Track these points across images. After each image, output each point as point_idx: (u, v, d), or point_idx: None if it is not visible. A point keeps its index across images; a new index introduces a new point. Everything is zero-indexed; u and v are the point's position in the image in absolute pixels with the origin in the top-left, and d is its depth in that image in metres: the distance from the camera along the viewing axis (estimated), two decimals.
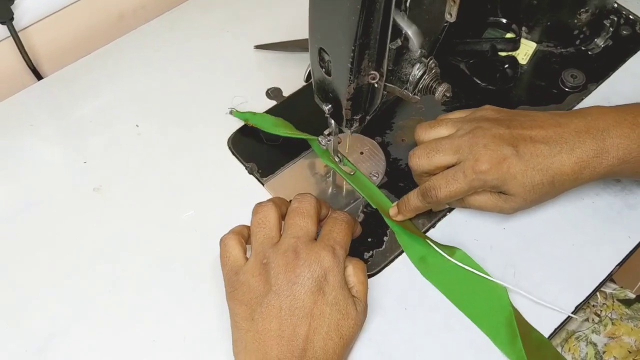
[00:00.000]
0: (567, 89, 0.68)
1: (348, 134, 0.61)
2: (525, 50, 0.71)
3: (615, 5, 0.73)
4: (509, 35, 0.71)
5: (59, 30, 0.76)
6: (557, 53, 0.71)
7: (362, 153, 0.64)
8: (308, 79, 0.62)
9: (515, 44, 0.70)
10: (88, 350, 0.54)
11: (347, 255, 0.51)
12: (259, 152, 0.65)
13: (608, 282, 0.67)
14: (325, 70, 0.52)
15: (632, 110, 0.54)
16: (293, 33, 0.73)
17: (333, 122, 0.57)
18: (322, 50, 0.50)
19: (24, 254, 0.59)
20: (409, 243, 0.58)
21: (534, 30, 0.71)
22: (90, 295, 0.57)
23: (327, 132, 0.59)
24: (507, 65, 0.69)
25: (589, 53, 0.71)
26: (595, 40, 0.71)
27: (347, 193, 0.63)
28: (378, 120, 0.66)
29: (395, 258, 0.58)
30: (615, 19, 0.71)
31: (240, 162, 0.65)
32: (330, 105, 0.54)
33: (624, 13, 0.73)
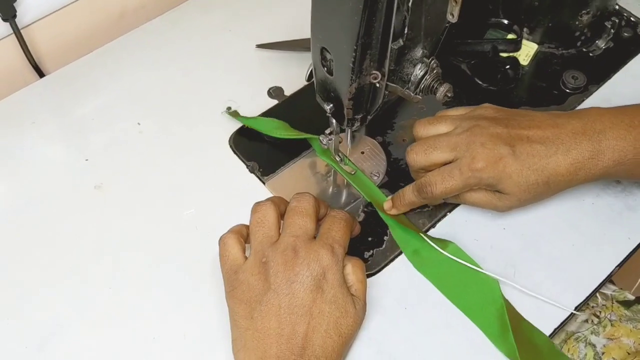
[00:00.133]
0: (568, 90, 0.68)
1: (349, 133, 0.61)
2: (527, 51, 0.71)
3: (617, 7, 0.73)
4: (511, 36, 0.71)
5: (61, 28, 0.76)
6: (558, 54, 0.71)
7: (363, 152, 0.64)
8: (310, 78, 0.62)
9: (517, 45, 0.70)
10: (88, 347, 0.54)
11: (346, 254, 0.51)
12: (260, 151, 0.65)
13: (607, 283, 0.67)
14: (327, 70, 0.52)
15: (629, 112, 0.54)
16: (295, 32, 0.73)
17: (334, 121, 0.57)
18: (324, 50, 0.51)
19: (25, 251, 0.60)
20: (403, 236, 0.59)
21: (536, 32, 0.71)
22: (91, 293, 0.57)
23: (328, 131, 0.59)
24: (508, 66, 0.69)
25: (590, 54, 0.71)
26: (597, 42, 0.71)
27: (347, 193, 0.63)
28: (379, 120, 0.66)
29: (396, 258, 0.58)
30: (617, 21, 0.71)
31: (241, 160, 0.65)
32: (332, 105, 0.54)
33: (625, 15, 0.73)
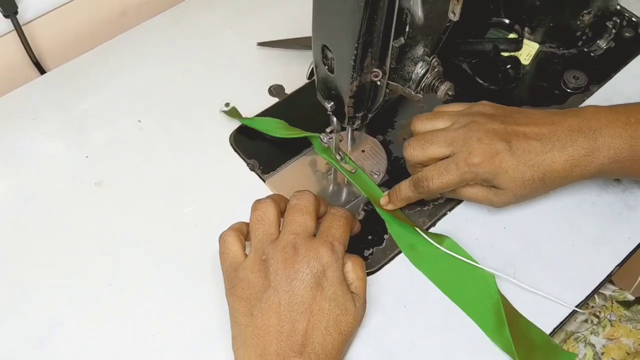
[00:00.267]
0: (569, 90, 0.68)
1: (349, 132, 0.61)
2: (528, 51, 0.71)
3: (618, 7, 0.73)
4: (512, 36, 0.71)
5: (62, 25, 0.76)
6: (559, 54, 0.71)
7: (363, 151, 0.64)
8: (311, 77, 0.62)
9: (518, 45, 0.70)
10: (88, 344, 0.54)
11: (345, 251, 0.51)
12: (261, 149, 0.65)
13: (607, 283, 0.67)
14: (328, 68, 0.52)
15: (625, 110, 0.55)
16: (296, 31, 0.73)
17: (335, 119, 0.57)
18: (325, 48, 0.51)
19: (25, 248, 0.60)
20: (399, 232, 0.59)
21: (537, 31, 0.71)
22: (91, 289, 0.57)
23: (329, 129, 0.59)
24: (509, 66, 0.69)
25: (591, 54, 0.71)
26: (598, 42, 0.71)
27: (348, 191, 0.63)
28: (380, 119, 0.66)
29: (395, 256, 0.58)
30: (618, 21, 0.72)
31: (242, 158, 0.65)
32: (333, 103, 0.54)
33: (627, 15, 0.74)
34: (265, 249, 0.50)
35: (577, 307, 0.55)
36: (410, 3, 0.47)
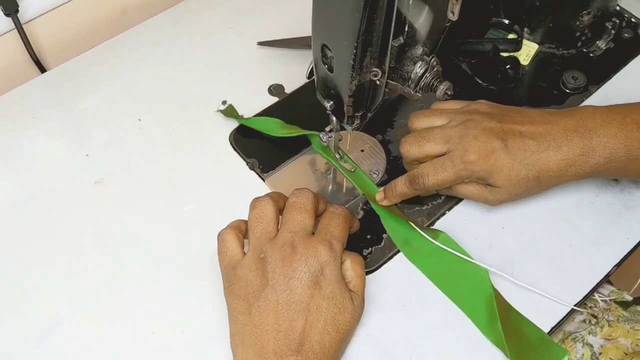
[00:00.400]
0: (568, 91, 0.69)
1: (349, 132, 0.61)
2: (527, 51, 0.71)
3: (618, 8, 0.73)
4: (511, 36, 0.71)
5: (63, 24, 0.76)
6: (558, 54, 0.71)
7: (362, 151, 0.65)
8: (310, 76, 0.62)
9: (517, 45, 0.70)
10: (87, 342, 0.55)
11: (344, 249, 0.51)
12: (260, 148, 0.65)
13: (605, 284, 0.67)
14: (328, 67, 0.52)
15: (621, 110, 0.55)
16: (296, 30, 0.73)
17: (335, 119, 0.57)
18: (324, 47, 0.51)
19: (25, 246, 0.60)
20: (394, 227, 0.59)
21: (536, 32, 0.71)
22: (90, 287, 0.57)
23: (328, 128, 0.59)
24: (508, 66, 0.69)
25: (591, 55, 0.71)
26: (597, 43, 0.72)
27: (347, 190, 0.63)
28: (379, 118, 0.66)
29: (394, 255, 0.58)
30: (617, 22, 0.72)
31: (242, 157, 0.65)
32: (332, 102, 0.54)
33: (626, 16, 0.74)
34: (264, 248, 0.50)
35: (575, 306, 0.55)
36: (410, 2, 0.47)
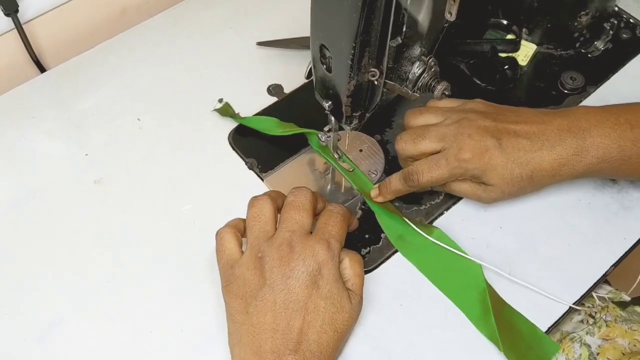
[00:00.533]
0: (566, 91, 0.69)
1: (348, 131, 0.61)
2: (526, 52, 0.71)
3: (616, 9, 0.73)
4: (510, 37, 0.72)
5: (63, 24, 0.76)
6: (557, 55, 0.72)
7: (361, 150, 0.65)
8: (309, 76, 0.62)
9: (516, 46, 0.70)
10: (86, 340, 0.55)
11: (342, 248, 0.52)
12: (259, 147, 0.65)
13: (603, 284, 0.67)
14: (326, 67, 0.52)
15: (615, 111, 0.55)
16: (295, 30, 0.73)
17: (333, 118, 0.57)
18: (323, 47, 0.51)
19: (24, 245, 0.60)
20: (389, 222, 0.59)
21: (535, 32, 0.71)
22: (90, 286, 0.57)
23: (327, 128, 0.59)
24: (507, 66, 0.69)
25: (589, 56, 0.72)
26: (595, 43, 0.72)
27: (345, 189, 0.63)
28: (378, 119, 0.66)
29: (392, 255, 0.59)
30: (616, 22, 0.72)
31: (240, 157, 0.65)
32: (331, 102, 0.55)
33: (625, 17, 0.74)
34: (261, 247, 0.50)
35: (573, 305, 0.56)
36: (408, 3, 0.47)
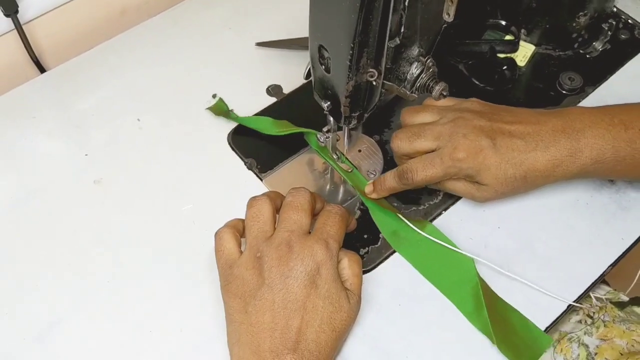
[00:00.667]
0: (564, 92, 0.69)
1: (346, 131, 0.61)
2: (524, 53, 0.71)
3: (614, 10, 0.73)
4: (508, 37, 0.72)
5: (63, 25, 0.77)
6: (555, 56, 0.72)
7: (360, 151, 0.65)
8: (308, 77, 0.62)
9: (514, 46, 0.70)
10: (86, 340, 0.55)
11: (341, 248, 0.52)
12: (258, 148, 0.66)
13: (601, 284, 0.67)
14: (325, 68, 0.52)
15: (610, 112, 0.55)
16: (294, 31, 0.73)
17: (332, 119, 0.57)
18: (321, 48, 0.51)
19: (24, 245, 0.60)
20: (382, 218, 0.60)
21: (533, 33, 0.71)
22: (89, 286, 0.58)
23: (325, 129, 0.59)
24: (505, 67, 0.70)
25: (587, 56, 0.72)
26: (594, 44, 0.72)
27: (344, 190, 0.63)
28: (376, 119, 0.66)
29: (391, 255, 0.59)
30: (614, 23, 0.72)
31: (240, 157, 0.65)
32: (329, 102, 0.55)
33: (623, 17, 0.74)
34: (260, 247, 0.50)
35: (569, 306, 0.56)
36: (406, 4, 0.48)
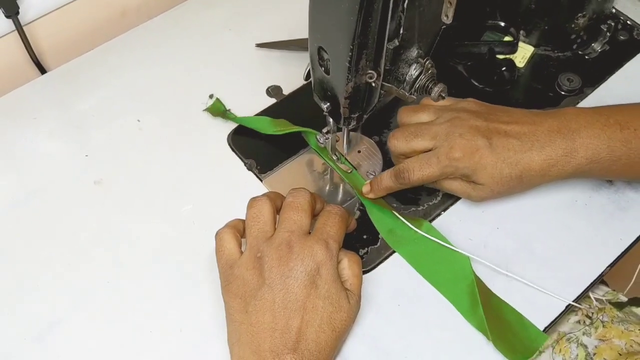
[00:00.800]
0: (563, 93, 0.69)
1: (345, 132, 0.61)
2: (523, 54, 0.71)
3: (613, 11, 0.74)
4: (507, 39, 0.72)
5: (63, 26, 0.77)
6: (554, 57, 0.72)
7: (359, 151, 0.65)
8: (307, 78, 0.62)
9: (513, 47, 0.70)
10: (86, 340, 0.55)
11: (341, 249, 0.52)
12: (258, 148, 0.66)
13: (600, 285, 0.67)
14: (324, 69, 0.52)
15: (605, 112, 0.56)
16: (294, 32, 0.73)
17: (331, 120, 0.58)
18: (321, 49, 0.51)
19: (24, 245, 0.60)
20: (379, 216, 0.60)
21: (532, 34, 0.71)
22: (90, 286, 0.58)
23: (325, 130, 0.60)
24: (504, 68, 0.70)
25: (586, 57, 0.72)
26: (593, 45, 0.72)
27: (344, 190, 0.63)
28: (376, 120, 0.66)
29: (390, 255, 0.59)
30: (613, 24, 0.72)
31: (240, 158, 0.65)
32: (329, 104, 0.55)
33: (622, 18, 0.74)
34: (260, 247, 0.50)
35: (568, 306, 0.56)
36: (405, 5, 0.48)
